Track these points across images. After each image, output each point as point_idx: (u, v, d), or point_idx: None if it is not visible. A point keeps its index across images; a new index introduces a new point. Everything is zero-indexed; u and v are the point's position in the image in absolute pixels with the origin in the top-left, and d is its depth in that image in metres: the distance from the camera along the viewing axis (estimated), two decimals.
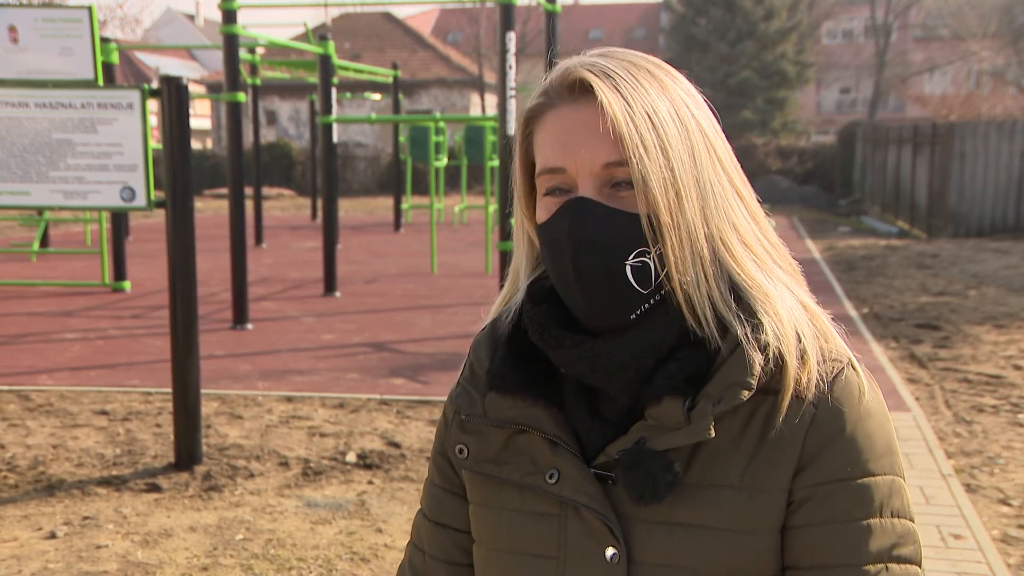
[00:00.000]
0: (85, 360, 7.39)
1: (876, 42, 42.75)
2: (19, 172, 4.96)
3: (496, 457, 1.11)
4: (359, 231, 18.36)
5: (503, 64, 7.13)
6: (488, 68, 36.59)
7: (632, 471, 1.01)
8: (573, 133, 1.02)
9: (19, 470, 4.90)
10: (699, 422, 1.00)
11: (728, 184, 1.05)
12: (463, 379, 1.17)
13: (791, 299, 1.06)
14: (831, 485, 1.02)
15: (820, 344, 1.05)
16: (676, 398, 1.01)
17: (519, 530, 1.10)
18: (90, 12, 7.31)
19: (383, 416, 5.86)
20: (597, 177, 1.02)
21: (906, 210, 19.21)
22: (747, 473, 1.02)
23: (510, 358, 1.11)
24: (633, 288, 1.02)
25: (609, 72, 1.02)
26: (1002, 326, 8.85)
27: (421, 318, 9.22)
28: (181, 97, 4.85)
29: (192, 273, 4.94)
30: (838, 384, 1.04)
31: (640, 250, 1.01)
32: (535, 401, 1.08)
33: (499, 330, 1.15)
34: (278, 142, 30.78)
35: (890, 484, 1.04)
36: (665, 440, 1.01)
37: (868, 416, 1.04)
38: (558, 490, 1.05)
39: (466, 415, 1.13)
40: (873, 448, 1.04)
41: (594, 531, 1.04)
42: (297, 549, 3.97)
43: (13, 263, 13.32)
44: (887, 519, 1.03)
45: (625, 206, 1.01)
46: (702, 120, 1.05)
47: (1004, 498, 4.67)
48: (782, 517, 1.03)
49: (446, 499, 1.21)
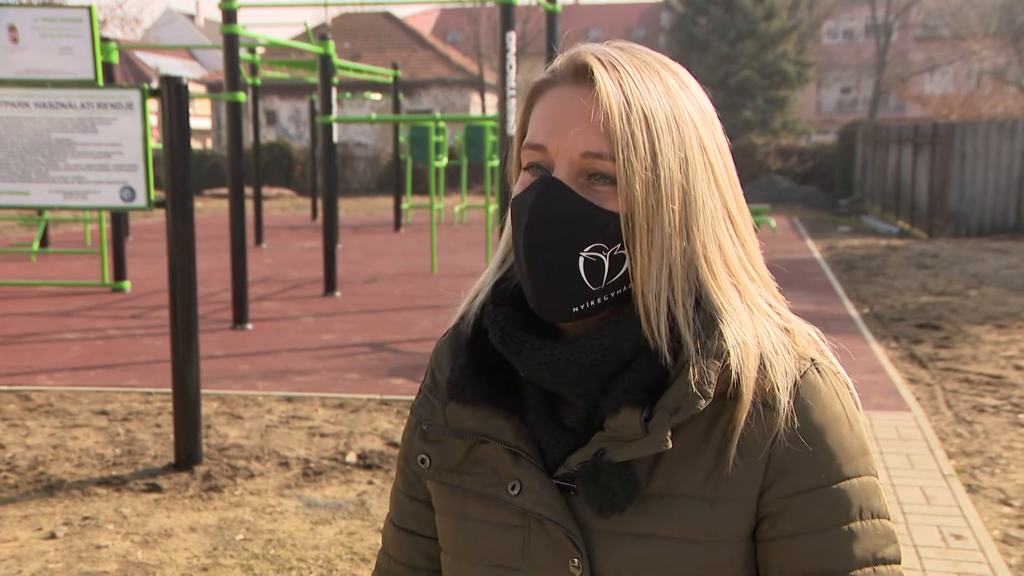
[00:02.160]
0: (85, 360, 7.39)
1: (876, 42, 42.76)
2: (19, 172, 4.95)
3: (458, 467, 1.10)
4: (359, 231, 18.35)
5: (503, 64, 7.13)
6: (488, 68, 36.60)
7: (592, 483, 1.00)
8: (563, 114, 1.00)
9: (19, 470, 4.90)
10: (656, 433, 0.98)
11: (720, 205, 1.03)
12: (424, 387, 1.15)
13: (767, 323, 1.03)
14: (807, 495, 1.00)
15: (791, 349, 1.03)
16: (633, 409, 0.99)
17: (483, 541, 1.09)
18: (90, 12, 7.31)
19: (383, 416, 5.86)
20: (575, 164, 1.00)
21: (906, 210, 19.20)
22: (709, 482, 1.01)
23: (471, 366, 1.08)
24: (582, 281, 1.00)
25: (616, 64, 1.00)
26: (1003, 326, 8.84)
27: (421, 318, 9.22)
28: (181, 97, 4.85)
29: (192, 273, 4.93)
30: (804, 389, 1.02)
31: (597, 245, 0.99)
32: (496, 411, 1.06)
33: (461, 333, 1.13)
34: (278, 142, 30.78)
35: (866, 485, 1.02)
36: (624, 451, 1.00)
37: (837, 420, 1.02)
38: (520, 502, 1.04)
39: (427, 425, 1.11)
40: (845, 451, 1.02)
41: (557, 543, 1.03)
42: (297, 549, 3.96)
43: (13, 263, 13.31)
44: (868, 521, 1.01)
45: (595, 199, 0.99)
46: (704, 134, 1.02)
47: (1005, 498, 4.67)
48: (748, 527, 1.01)
49: (411, 506, 1.20)
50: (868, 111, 41.65)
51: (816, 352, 1.05)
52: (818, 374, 1.03)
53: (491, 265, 1.14)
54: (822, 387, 1.03)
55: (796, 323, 1.06)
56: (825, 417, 1.01)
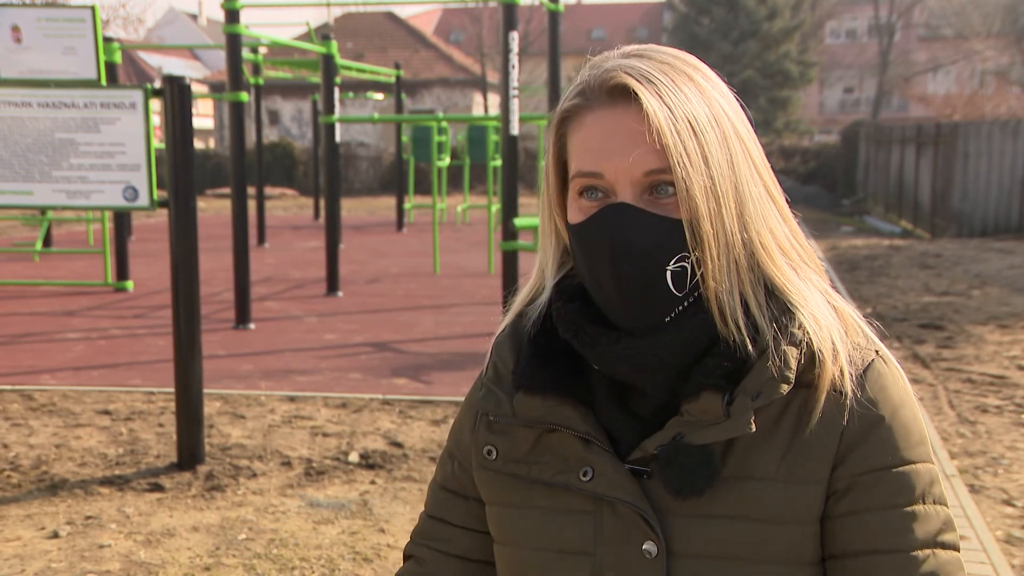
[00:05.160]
0: (88, 360, 7.40)
1: (879, 41, 42.73)
2: (22, 172, 4.96)
3: (525, 457, 1.11)
4: (361, 231, 18.36)
5: (506, 64, 7.13)
6: (491, 68, 36.59)
7: (670, 466, 1.02)
8: (613, 139, 1.02)
9: (22, 470, 4.90)
10: (739, 417, 1.01)
11: (763, 188, 1.06)
12: (487, 380, 1.16)
13: (822, 299, 1.07)
14: (873, 474, 1.03)
15: (852, 338, 1.07)
16: (715, 393, 1.02)
17: (550, 528, 1.10)
18: (93, 12, 7.31)
19: (385, 416, 5.86)
20: (638, 184, 1.02)
21: (909, 210, 19.18)
22: (783, 465, 1.03)
23: (536, 357, 1.11)
24: (671, 292, 1.03)
25: (650, 77, 1.01)
26: (1006, 326, 8.84)
27: (424, 318, 9.22)
28: (184, 97, 4.85)
29: (195, 273, 4.94)
30: (871, 376, 1.05)
31: (681, 255, 1.02)
32: (564, 400, 1.08)
33: (521, 329, 1.15)
34: (280, 142, 30.80)
35: (929, 471, 1.05)
36: (703, 435, 1.02)
37: (902, 406, 1.06)
38: (593, 487, 1.06)
39: (494, 416, 1.13)
40: (909, 436, 1.05)
41: (631, 526, 1.05)
42: (299, 549, 3.97)
43: (16, 263, 13.33)
44: (930, 505, 1.04)
45: (666, 211, 1.02)
46: (738, 124, 1.05)
47: (1008, 499, 4.66)
48: (820, 508, 1.04)
49: (448, 498, 1.22)
50: (871, 111, 41.61)
51: (865, 338, 1.09)
52: (883, 361, 1.07)
53: (540, 267, 1.16)
54: (887, 373, 1.07)
55: (839, 303, 1.10)
56: (892, 402, 1.05)
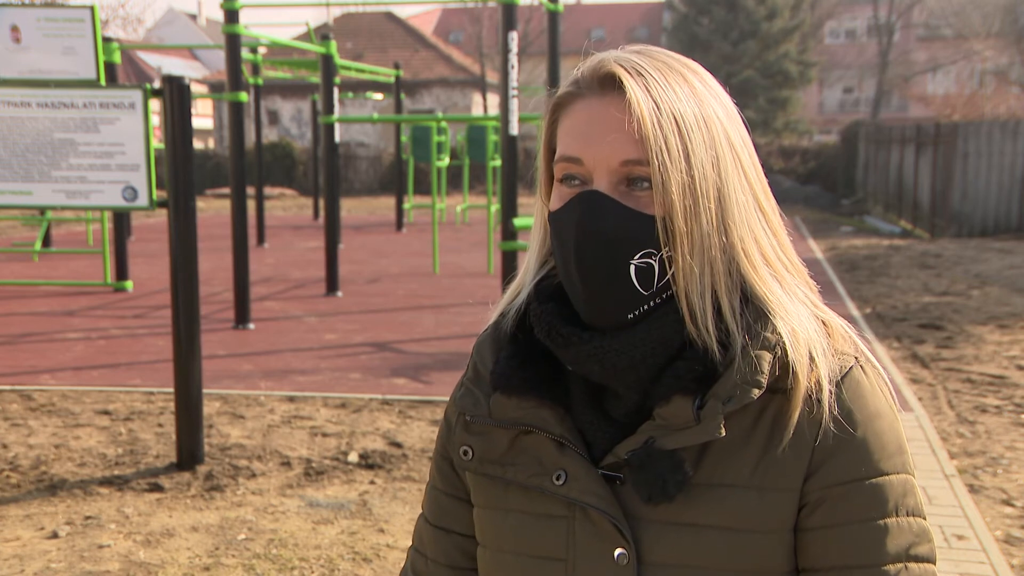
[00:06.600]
0: (87, 360, 7.40)
1: (879, 41, 42.72)
2: (21, 172, 4.96)
3: (501, 458, 1.10)
4: (361, 231, 18.35)
5: (505, 64, 7.13)
6: (490, 68, 36.59)
7: (641, 471, 1.01)
8: (596, 125, 1.01)
9: (21, 470, 4.90)
10: (709, 421, 1.00)
11: (751, 197, 1.05)
12: (467, 380, 1.16)
13: (806, 311, 1.05)
14: (845, 486, 1.01)
15: (833, 345, 1.05)
16: (686, 397, 1.01)
17: (526, 532, 1.09)
18: (92, 12, 7.31)
19: (385, 416, 5.86)
20: (614, 173, 1.01)
21: (909, 210, 19.18)
22: (757, 472, 1.02)
23: (515, 358, 1.10)
24: (635, 288, 1.01)
25: (641, 70, 1.01)
26: (1005, 326, 8.84)
27: (423, 318, 9.22)
28: (183, 97, 4.85)
29: (194, 273, 4.94)
30: (848, 384, 1.03)
31: (647, 251, 1.01)
32: (541, 401, 1.07)
33: (503, 329, 1.14)
34: (280, 142, 30.78)
35: (903, 483, 1.03)
36: (675, 440, 1.01)
37: (878, 416, 1.04)
38: (565, 491, 1.04)
39: (471, 416, 1.12)
40: (885, 448, 1.03)
41: (603, 532, 1.04)
42: (299, 549, 3.97)
43: (15, 263, 13.33)
44: (903, 518, 1.02)
45: (639, 205, 1.01)
46: (731, 131, 1.04)
47: (1007, 499, 4.66)
48: (793, 517, 1.03)
49: (448, 503, 1.20)
50: (870, 111, 41.59)
51: (851, 346, 1.07)
52: (861, 370, 1.05)
53: (527, 265, 1.15)
54: (865, 383, 1.05)
55: (829, 315, 1.08)
56: (868, 412, 1.03)
